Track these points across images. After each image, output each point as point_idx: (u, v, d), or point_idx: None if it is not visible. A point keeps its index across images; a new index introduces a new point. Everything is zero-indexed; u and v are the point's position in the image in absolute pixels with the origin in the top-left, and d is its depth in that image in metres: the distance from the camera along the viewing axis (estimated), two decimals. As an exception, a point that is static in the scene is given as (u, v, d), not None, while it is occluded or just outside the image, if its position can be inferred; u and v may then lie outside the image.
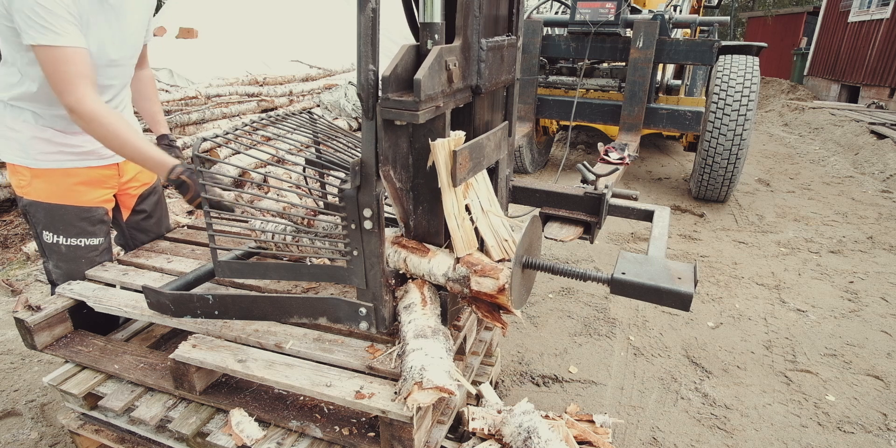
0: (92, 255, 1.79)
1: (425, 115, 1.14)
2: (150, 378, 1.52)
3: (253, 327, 1.48)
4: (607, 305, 2.96)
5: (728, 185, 4.50)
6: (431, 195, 1.37)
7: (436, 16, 1.23)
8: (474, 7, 1.29)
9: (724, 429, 2.08)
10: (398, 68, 1.16)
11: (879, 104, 9.55)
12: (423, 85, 1.10)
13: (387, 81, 1.13)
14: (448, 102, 1.26)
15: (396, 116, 1.14)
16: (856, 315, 2.93)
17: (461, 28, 1.28)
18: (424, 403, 1.13)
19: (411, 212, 1.41)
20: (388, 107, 1.14)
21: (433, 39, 1.24)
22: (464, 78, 1.32)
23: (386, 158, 1.23)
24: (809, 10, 14.88)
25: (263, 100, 5.83)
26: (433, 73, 1.14)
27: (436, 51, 1.16)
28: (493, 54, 1.41)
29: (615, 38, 4.60)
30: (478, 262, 1.35)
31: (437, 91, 1.18)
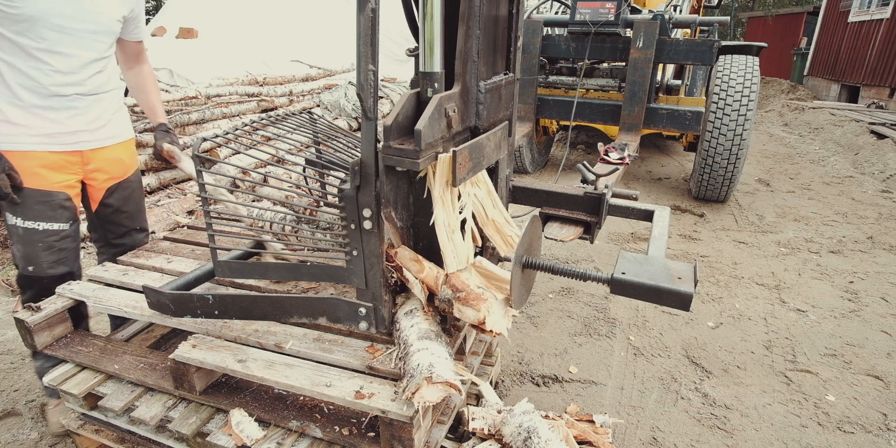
0: (51, 240, 1.75)
1: (425, 162, 1.19)
2: (150, 378, 1.52)
3: (253, 327, 1.48)
4: (607, 305, 2.96)
5: (728, 185, 4.50)
6: (431, 231, 1.40)
7: (436, 66, 1.28)
8: (473, 53, 1.33)
9: (724, 429, 2.08)
10: (399, 117, 1.21)
11: (879, 104, 9.55)
12: (424, 134, 1.15)
13: (389, 130, 1.18)
14: (447, 146, 1.30)
15: (398, 163, 1.18)
16: (856, 315, 2.93)
17: (460, 74, 1.33)
18: (432, 401, 1.14)
19: (412, 249, 1.45)
20: (389, 154, 1.18)
21: (433, 88, 1.29)
22: (462, 121, 1.36)
23: (387, 201, 1.27)
24: (809, 10, 14.88)
25: (263, 100, 5.83)
26: (433, 121, 1.19)
27: (436, 100, 1.21)
28: (491, 95, 1.45)
29: (615, 38, 4.60)
30: (463, 287, 1.33)
31: (437, 138, 1.23)
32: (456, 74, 1.33)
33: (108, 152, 1.85)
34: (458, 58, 1.31)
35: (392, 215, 1.31)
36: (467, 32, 1.30)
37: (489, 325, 1.28)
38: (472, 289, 1.32)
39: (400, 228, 1.38)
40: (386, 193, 1.25)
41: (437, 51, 1.27)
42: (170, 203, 4.00)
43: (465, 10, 1.28)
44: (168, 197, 4.20)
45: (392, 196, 1.30)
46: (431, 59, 1.28)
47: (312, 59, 8.08)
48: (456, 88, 1.31)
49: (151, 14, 14.88)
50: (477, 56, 1.35)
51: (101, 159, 1.83)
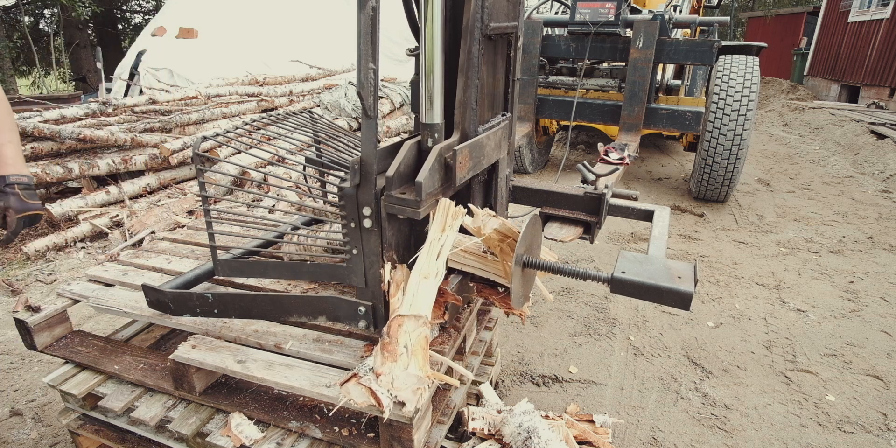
0: None
1: (426, 211, 1.23)
2: (149, 378, 1.52)
3: (252, 328, 1.48)
4: (607, 305, 2.96)
5: (728, 185, 4.50)
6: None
7: (436, 118, 1.32)
8: (472, 103, 1.36)
9: (724, 429, 2.08)
10: (401, 167, 1.25)
11: (879, 104, 9.55)
12: (424, 186, 1.19)
13: (391, 180, 1.21)
14: (447, 192, 1.34)
15: (399, 212, 1.23)
16: (856, 315, 2.93)
17: (459, 123, 1.37)
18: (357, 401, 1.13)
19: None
20: (391, 203, 1.22)
21: (433, 138, 1.33)
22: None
23: (390, 245, 1.31)
24: (809, 10, 14.88)
25: (263, 100, 5.83)
26: (433, 172, 1.23)
27: (436, 151, 1.25)
28: (488, 139, 1.48)
29: (615, 38, 4.60)
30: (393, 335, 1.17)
31: (437, 187, 1.27)
32: (455, 122, 1.38)
33: None
34: (457, 107, 1.36)
35: (394, 257, 1.35)
36: (466, 83, 1.34)
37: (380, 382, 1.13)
38: (398, 344, 1.16)
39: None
40: (388, 239, 1.29)
41: (438, 103, 1.32)
42: (170, 203, 4.00)
43: (463, 61, 1.32)
44: (168, 197, 4.20)
45: (394, 240, 1.34)
46: (431, 112, 1.32)
47: (312, 59, 8.07)
48: (455, 136, 1.36)
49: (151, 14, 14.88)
50: (476, 105, 1.39)
51: None
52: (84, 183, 4.08)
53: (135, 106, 4.91)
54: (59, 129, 3.95)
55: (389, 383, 1.13)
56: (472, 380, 1.78)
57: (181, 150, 4.37)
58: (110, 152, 4.32)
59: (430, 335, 1.34)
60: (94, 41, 14.01)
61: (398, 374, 1.14)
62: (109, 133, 4.18)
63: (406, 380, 1.14)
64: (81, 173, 3.97)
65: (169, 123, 4.73)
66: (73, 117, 4.50)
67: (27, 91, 12.67)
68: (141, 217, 3.76)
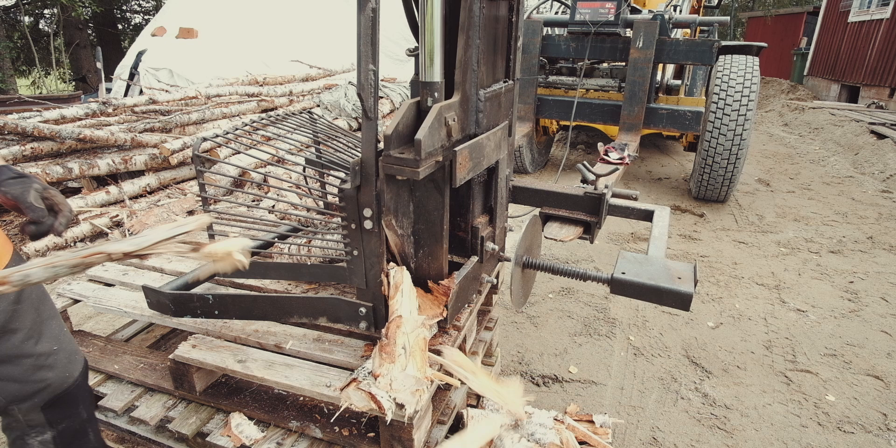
0: None
1: (425, 171, 1.19)
2: (149, 378, 1.52)
3: (253, 327, 1.48)
4: (607, 305, 2.96)
5: (728, 185, 4.50)
6: (432, 239, 1.40)
7: (436, 76, 1.28)
8: (472, 63, 1.33)
9: (724, 429, 2.08)
10: (400, 126, 1.21)
11: (879, 104, 9.55)
12: (424, 144, 1.15)
13: (389, 139, 1.18)
14: (447, 155, 1.30)
15: (398, 172, 1.19)
16: (856, 315, 2.93)
17: (460, 84, 1.33)
18: (358, 405, 1.12)
19: (412, 255, 1.45)
20: (390, 163, 1.18)
21: (433, 97, 1.29)
22: (462, 129, 1.36)
23: (388, 209, 1.27)
24: (809, 10, 14.87)
25: (263, 100, 5.83)
26: (433, 131, 1.19)
27: (436, 109, 1.21)
28: (490, 103, 1.46)
29: (615, 38, 4.60)
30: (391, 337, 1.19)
31: (437, 147, 1.23)
32: (456, 83, 1.34)
33: None
34: (458, 67, 1.32)
35: (392, 223, 1.31)
36: (467, 42, 1.31)
37: (378, 384, 1.14)
38: (396, 345, 1.17)
39: (400, 236, 1.39)
40: (387, 201, 1.25)
41: (437, 60, 1.28)
42: (170, 203, 4.00)
43: (465, 19, 1.28)
44: (168, 197, 4.20)
45: (393, 204, 1.30)
46: (431, 69, 1.28)
47: (312, 59, 8.07)
48: (456, 97, 1.32)
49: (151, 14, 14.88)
50: (477, 65, 1.35)
51: None
52: (84, 183, 4.08)
53: (135, 106, 4.90)
54: (59, 129, 3.95)
55: (388, 385, 1.13)
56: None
57: (181, 150, 4.37)
58: (110, 152, 4.32)
59: (429, 335, 1.34)
60: (94, 41, 14.01)
61: (396, 375, 1.14)
62: (109, 133, 4.18)
63: (404, 381, 1.14)
64: (81, 173, 3.97)
65: (169, 123, 4.73)
66: (73, 117, 4.50)
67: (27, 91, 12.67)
68: (141, 217, 3.76)
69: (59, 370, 1.22)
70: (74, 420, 1.28)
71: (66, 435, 1.27)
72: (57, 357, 1.21)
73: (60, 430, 1.25)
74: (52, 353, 1.20)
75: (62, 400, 1.24)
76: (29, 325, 1.16)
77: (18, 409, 1.20)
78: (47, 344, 1.20)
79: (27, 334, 1.16)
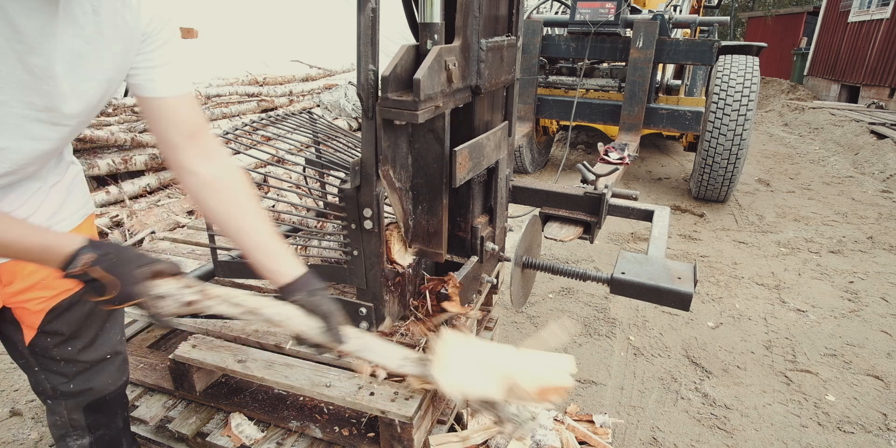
0: None
1: (424, 115, 1.14)
2: (149, 378, 1.52)
3: (252, 327, 1.48)
4: (607, 305, 2.96)
5: (728, 185, 4.50)
6: (431, 194, 1.36)
7: (435, 16, 1.23)
8: (474, 7, 1.28)
9: (724, 429, 2.08)
10: (398, 68, 1.15)
11: (879, 104, 9.55)
12: (423, 84, 1.09)
13: (386, 81, 1.13)
14: (447, 102, 1.25)
15: (396, 116, 1.13)
16: (856, 315, 2.93)
17: (461, 28, 1.28)
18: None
19: (410, 212, 1.41)
20: (387, 106, 1.13)
21: (433, 39, 1.23)
22: (463, 78, 1.32)
23: (385, 158, 1.22)
24: (809, 10, 14.87)
25: (263, 100, 5.83)
26: (433, 72, 1.14)
27: (435, 51, 1.16)
28: (492, 54, 1.40)
29: (615, 38, 4.60)
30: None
31: (437, 91, 1.18)
32: (457, 28, 1.27)
33: None
34: (458, 10, 1.26)
35: (390, 174, 1.25)
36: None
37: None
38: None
39: (398, 189, 1.33)
40: (384, 151, 1.19)
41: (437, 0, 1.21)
42: (170, 203, 4.00)
43: None
44: (168, 197, 4.21)
45: (390, 154, 1.24)
46: (431, 9, 1.21)
47: (312, 59, 8.08)
48: (457, 42, 1.26)
49: (151, 14, 14.84)
50: (479, 10, 1.29)
51: (27, 275, 1.04)
52: (84, 183, 4.08)
53: (135, 106, 4.90)
54: (59, 129, 3.94)
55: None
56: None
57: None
58: (110, 152, 4.32)
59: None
60: (94, 41, 13.98)
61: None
62: (109, 133, 4.18)
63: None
64: (81, 173, 3.97)
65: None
66: (74, 117, 4.49)
67: (27, 91, 12.64)
68: (141, 217, 3.76)
69: (106, 376, 1.23)
70: (111, 428, 1.30)
71: (101, 443, 1.29)
72: (110, 365, 1.23)
73: (98, 437, 1.27)
74: (105, 361, 1.22)
75: (104, 405, 1.25)
76: (91, 335, 1.18)
77: (65, 405, 1.21)
78: (101, 351, 1.20)
79: (86, 343, 1.17)
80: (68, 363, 1.16)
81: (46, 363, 1.15)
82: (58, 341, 1.13)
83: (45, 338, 1.12)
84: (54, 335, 1.12)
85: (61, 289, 1.09)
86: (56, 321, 1.11)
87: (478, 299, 1.66)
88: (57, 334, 1.12)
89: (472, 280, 1.55)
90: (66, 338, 1.14)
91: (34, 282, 1.05)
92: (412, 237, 1.43)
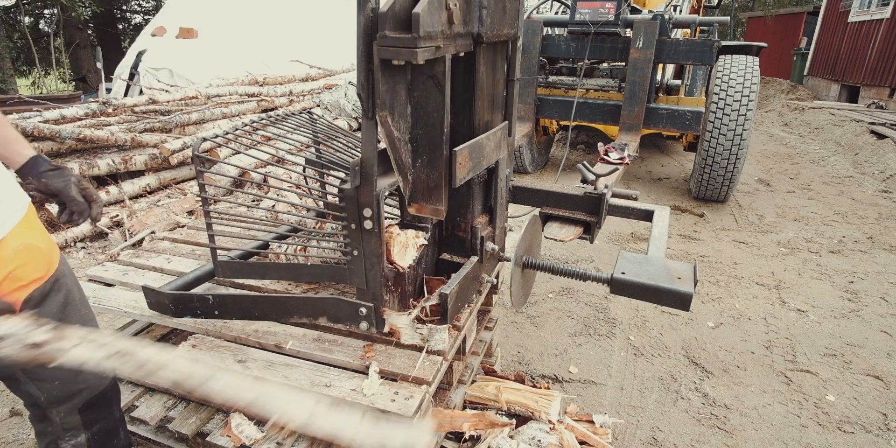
0: None
1: (424, 54, 1.08)
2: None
3: (252, 327, 1.48)
4: (607, 305, 2.96)
5: (728, 185, 4.50)
6: (431, 147, 1.30)
7: None
8: None
9: (724, 429, 2.08)
10: (396, 6, 1.08)
11: (879, 104, 9.55)
12: (423, 20, 1.04)
13: (384, 18, 1.06)
14: (448, 45, 1.19)
15: (394, 55, 1.07)
16: (856, 315, 2.93)
17: None
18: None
19: (409, 165, 1.35)
20: (385, 45, 1.07)
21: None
22: (465, 22, 1.26)
23: (383, 103, 1.15)
24: (809, 10, 14.86)
25: (263, 100, 5.84)
26: (433, 9, 1.08)
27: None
28: (495, 2, 1.35)
29: (615, 38, 4.60)
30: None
31: (437, 30, 1.12)
32: None
33: (8, 245, 1.02)
34: None
35: (388, 121, 1.19)
36: None
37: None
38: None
39: (397, 139, 1.27)
40: (382, 94, 1.13)
41: None
42: (170, 203, 4.00)
43: None
44: (168, 197, 4.21)
45: (388, 99, 1.17)
46: None
47: (312, 59, 8.08)
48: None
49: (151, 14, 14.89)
50: None
51: (5, 259, 1.02)
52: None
53: (135, 106, 4.91)
54: (59, 129, 3.95)
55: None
56: (472, 380, 1.78)
57: (181, 150, 4.37)
58: (110, 152, 4.32)
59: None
60: (94, 41, 14.01)
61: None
62: (109, 133, 4.18)
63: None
64: (81, 173, 3.97)
65: (169, 123, 4.73)
66: (73, 117, 4.50)
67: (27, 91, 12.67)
68: (141, 217, 3.76)
69: (96, 373, 1.21)
70: (109, 420, 1.30)
71: (99, 436, 1.28)
72: None
73: (94, 432, 1.27)
74: None
75: (99, 401, 1.26)
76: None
77: (57, 412, 1.20)
78: None
79: None
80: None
81: (36, 372, 1.13)
82: None
83: None
84: None
85: (31, 278, 1.07)
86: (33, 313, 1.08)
87: (478, 299, 1.66)
88: None
89: (472, 280, 1.55)
90: None
91: (3, 275, 1.01)
92: (411, 193, 1.38)
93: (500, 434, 1.55)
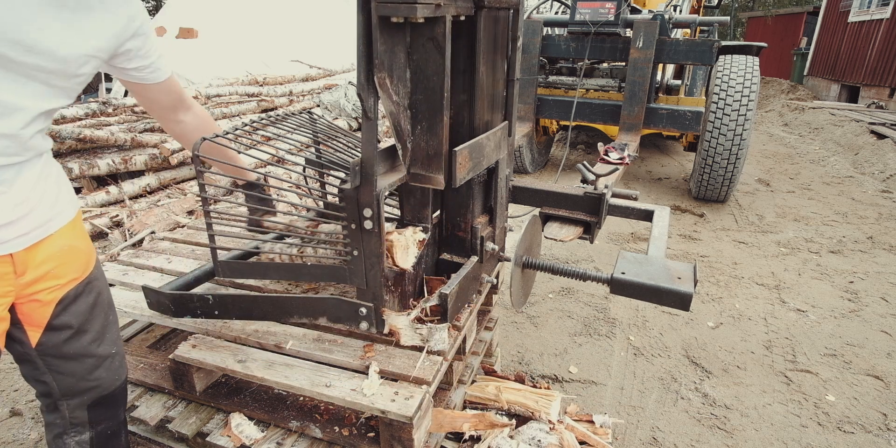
0: None
1: (423, 11, 1.06)
2: (149, 378, 1.52)
3: (252, 327, 1.48)
4: (607, 305, 2.96)
5: (728, 185, 4.50)
6: (430, 112, 1.28)
7: None
8: None
9: (724, 429, 2.08)
10: None
11: (879, 104, 9.55)
12: None
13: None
14: (449, 4, 1.16)
15: (392, 11, 1.06)
16: (856, 315, 2.93)
17: None
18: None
19: (409, 132, 1.33)
20: (383, 1, 1.05)
21: None
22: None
23: (381, 64, 1.12)
24: (809, 10, 14.87)
25: (263, 100, 5.84)
26: None
27: None
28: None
29: (615, 38, 4.60)
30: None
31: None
32: None
33: (54, 243, 1.08)
34: None
35: (387, 84, 1.15)
36: None
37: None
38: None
39: (395, 103, 1.24)
40: (380, 55, 1.11)
41: None
42: (170, 203, 4.00)
43: None
44: (168, 197, 4.21)
45: (387, 60, 1.15)
46: None
47: (312, 59, 8.08)
48: None
49: (151, 14, 14.88)
50: None
51: (43, 261, 1.07)
52: (84, 183, 4.08)
53: (135, 106, 4.91)
54: (58, 129, 3.95)
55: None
56: (472, 380, 1.78)
57: (181, 150, 4.37)
58: (110, 152, 4.32)
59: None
60: (94, 41, 13.98)
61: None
62: (109, 133, 4.18)
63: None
64: (81, 173, 3.97)
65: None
66: (73, 117, 4.50)
67: (27, 91, 12.64)
68: (141, 217, 3.76)
69: (112, 372, 1.27)
70: (113, 422, 1.32)
71: (102, 436, 1.30)
72: (113, 360, 1.27)
73: (98, 431, 1.29)
74: (110, 356, 1.26)
75: (107, 400, 1.28)
76: (98, 327, 1.22)
77: (67, 406, 1.23)
78: (108, 346, 1.25)
79: (95, 336, 1.21)
80: (82, 358, 1.19)
81: (56, 364, 1.17)
82: (68, 335, 1.15)
83: (54, 334, 1.13)
84: (64, 329, 1.14)
85: (69, 277, 1.13)
86: (65, 313, 1.13)
87: (478, 299, 1.66)
88: (67, 328, 1.14)
89: (472, 280, 1.55)
90: (75, 331, 1.16)
91: (45, 271, 1.07)
92: (410, 161, 1.36)
93: (500, 434, 1.55)
